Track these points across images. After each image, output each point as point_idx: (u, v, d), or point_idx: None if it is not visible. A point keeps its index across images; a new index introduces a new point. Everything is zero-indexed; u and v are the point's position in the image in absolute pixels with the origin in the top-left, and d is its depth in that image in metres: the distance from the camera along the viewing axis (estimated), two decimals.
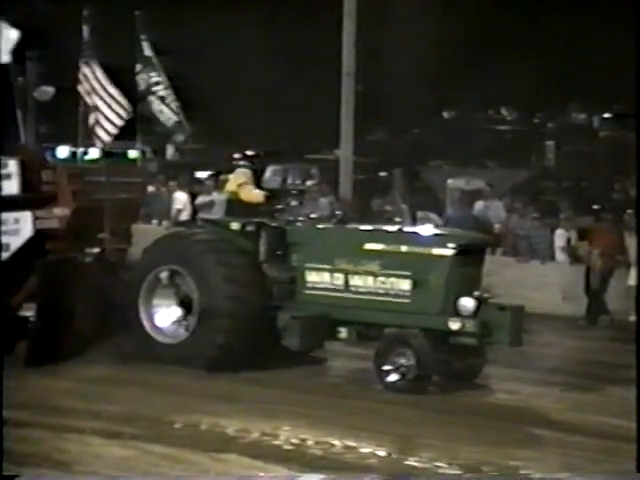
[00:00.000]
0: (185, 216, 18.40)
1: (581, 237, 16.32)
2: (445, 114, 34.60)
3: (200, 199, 18.79)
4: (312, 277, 11.71)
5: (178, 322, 11.98)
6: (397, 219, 13.56)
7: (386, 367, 10.95)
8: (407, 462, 8.49)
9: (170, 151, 34.60)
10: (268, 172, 29.34)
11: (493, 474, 8.26)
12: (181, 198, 19.00)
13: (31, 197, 12.59)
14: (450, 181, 23.86)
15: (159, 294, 12.05)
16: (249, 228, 12.06)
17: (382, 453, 8.68)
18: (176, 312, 12.01)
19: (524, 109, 34.18)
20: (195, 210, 18.43)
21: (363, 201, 19.41)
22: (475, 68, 29.39)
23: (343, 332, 11.52)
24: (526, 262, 16.82)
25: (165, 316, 12.03)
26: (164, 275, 11.99)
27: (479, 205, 17.38)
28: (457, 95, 31.19)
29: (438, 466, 8.38)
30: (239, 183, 12.46)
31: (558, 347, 14.30)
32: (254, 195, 12.35)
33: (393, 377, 10.92)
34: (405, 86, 24.59)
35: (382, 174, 25.77)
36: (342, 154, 21.25)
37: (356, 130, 20.72)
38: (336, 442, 8.89)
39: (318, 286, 11.66)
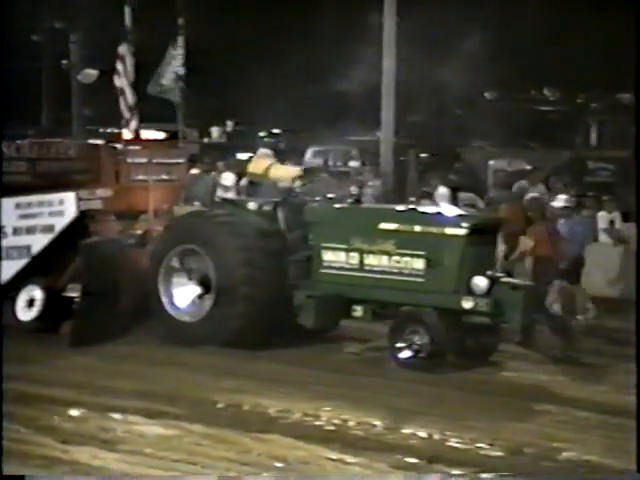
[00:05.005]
0: (230, 196, 18.44)
1: (625, 219, 16.11)
2: (487, 95, 34.40)
3: (244, 180, 18.82)
4: (328, 256, 11.76)
5: (197, 300, 12.06)
6: (411, 199, 13.49)
7: (399, 344, 11.04)
8: (449, 443, 8.51)
9: (215, 133, 34.65)
10: (309, 153, 29.44)
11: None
12: (229, 177, 19.07)
13: None
14: (492, 162, 23.73)
15: (178, 273, 12.14)
16: (266, 207, 12.13)
17: (423, 434, 8.71)
18: (195, 290, 12.10)
19: (567, 89, 33.89)
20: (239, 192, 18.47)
21: (403, 182, 19.37)
22: (518, 48, 29.19)
23: (358, 311, 11.60)
24: None
25: (184, 294, 12.11)
26: (181, 255, 12.06)
27: (521, 185, 17.16)
28: (499, 75, 30.99)
29: (480, 447, 8.40)
30: (267, 166, 12.49)
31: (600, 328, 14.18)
32: (289, 171, 12.32)
33: (406, 354, 11.00)
34: (447, 67, 24.48)
35: (423, 155, 25.66)
36: (383, 136, 21.22)
37: (397, 112, 20.69)
38: (377, 423, 8.93)
39: (334, 265, 11.72)
